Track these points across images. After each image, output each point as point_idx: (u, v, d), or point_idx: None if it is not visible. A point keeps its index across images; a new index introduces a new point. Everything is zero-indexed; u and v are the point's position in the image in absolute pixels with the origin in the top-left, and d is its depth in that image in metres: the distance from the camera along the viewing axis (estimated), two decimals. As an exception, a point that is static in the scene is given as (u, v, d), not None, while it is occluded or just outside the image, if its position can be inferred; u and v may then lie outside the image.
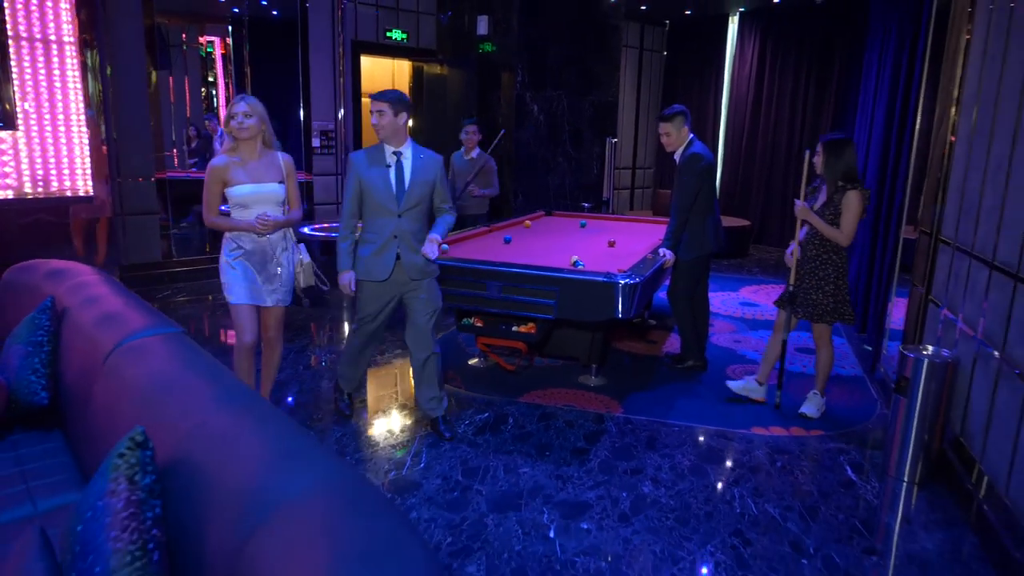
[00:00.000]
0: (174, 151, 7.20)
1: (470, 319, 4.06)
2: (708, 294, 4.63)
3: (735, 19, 9.60)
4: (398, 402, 3.97)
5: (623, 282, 3.51)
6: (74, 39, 5.18)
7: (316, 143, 7.46)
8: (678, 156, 4.25)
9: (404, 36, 7.96)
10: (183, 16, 7.04)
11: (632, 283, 3.52)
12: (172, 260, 6.50)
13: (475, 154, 5.75)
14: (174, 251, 6.52)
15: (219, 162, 3.04)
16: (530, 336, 3.90)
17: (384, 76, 8.96)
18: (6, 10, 4.81)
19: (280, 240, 3.18)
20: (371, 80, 8.51)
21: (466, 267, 3.81)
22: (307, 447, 1.37)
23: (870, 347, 4.92)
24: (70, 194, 5.33)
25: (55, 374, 2.36)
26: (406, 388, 4.19)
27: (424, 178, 3.26)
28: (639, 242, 4.95)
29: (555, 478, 3.11)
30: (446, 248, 3.97)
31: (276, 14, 7.28)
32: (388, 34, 7.85)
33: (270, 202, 3.10)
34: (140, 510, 1.29)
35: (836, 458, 3.40)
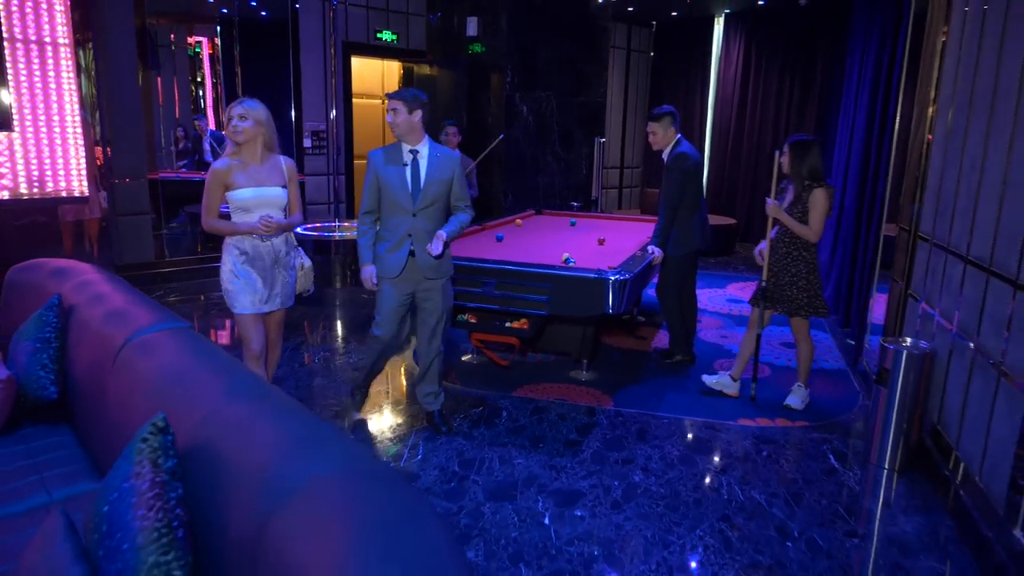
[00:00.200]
0: (163, 152, 7.21)
1: (464, 315, 4.14)
2: (696, 291, 4.74)
3: (720, 20, 9.73)
4: (392, 397, 4.05)
5: (613, 278, 3.62)
6: (68, 41, 5.21)
7: (307, 143, 7.51)
8: (666, 155, 4.36)
9: (394, 37, 8.02)
10: (172, 16, 7.05)
11: (622, 279, 3.63)
12: (164, 260, 6.54)
13: None
14: (166, 251, 6.57)
15: (221, 165, 3.00)
16: (523, 332, 3.99)
17: (374, 77, 8.99)
18: (1, 13, 4.83)
19: (283, 244, 3.17)
20: (361, 81, 8.56)
21: (461, 265, 3.89)
22: (323, 432, 1.44)
23: (853, 341, 5.05)
24: (65, 195, 5.36)
25: (63, 369, 2.41)
26: (400, 384, 4.27)
27: (440, 177, 3.26)
28: (628, 240, 5.06)
29: (549, 468, 3.20)
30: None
31: (265, 15, 7.31)
32: (378, 35, 7.89)
33: (273, 206, 3.06)
34: (164, 491, 1.36)
35: (820, 447, 3.52)
